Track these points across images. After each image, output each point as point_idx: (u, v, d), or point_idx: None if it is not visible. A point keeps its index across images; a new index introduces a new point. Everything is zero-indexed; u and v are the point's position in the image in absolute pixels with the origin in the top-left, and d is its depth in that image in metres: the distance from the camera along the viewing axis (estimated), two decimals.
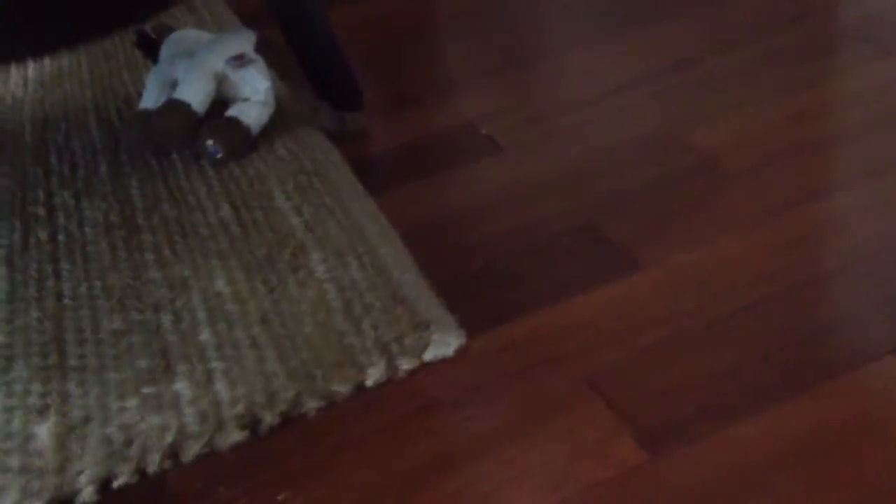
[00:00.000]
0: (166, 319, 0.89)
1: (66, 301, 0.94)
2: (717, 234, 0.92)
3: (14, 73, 1.54)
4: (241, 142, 1.14)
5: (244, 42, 1.17)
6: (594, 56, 1.32)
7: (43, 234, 1.07)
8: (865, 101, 1.11)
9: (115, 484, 0.72)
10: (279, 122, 1.20)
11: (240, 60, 1.15)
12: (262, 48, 1.18)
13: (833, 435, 0.70)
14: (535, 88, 1.28)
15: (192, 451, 0.74)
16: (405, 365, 0.80)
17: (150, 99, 1.17)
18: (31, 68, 1.55)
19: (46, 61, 1.57)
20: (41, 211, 1.11)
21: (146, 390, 0.81)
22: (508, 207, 1.03)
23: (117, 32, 1.63)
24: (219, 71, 1.14)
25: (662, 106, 1.16)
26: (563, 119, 1.18)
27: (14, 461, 0.76)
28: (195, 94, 1.12)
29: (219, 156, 1.13)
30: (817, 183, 0.99)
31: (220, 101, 1.17)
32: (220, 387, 0.80)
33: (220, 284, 0.93)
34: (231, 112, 1.15)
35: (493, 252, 0.96)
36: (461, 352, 0.82)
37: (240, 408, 0.77)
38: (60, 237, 1.05)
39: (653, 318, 0.83)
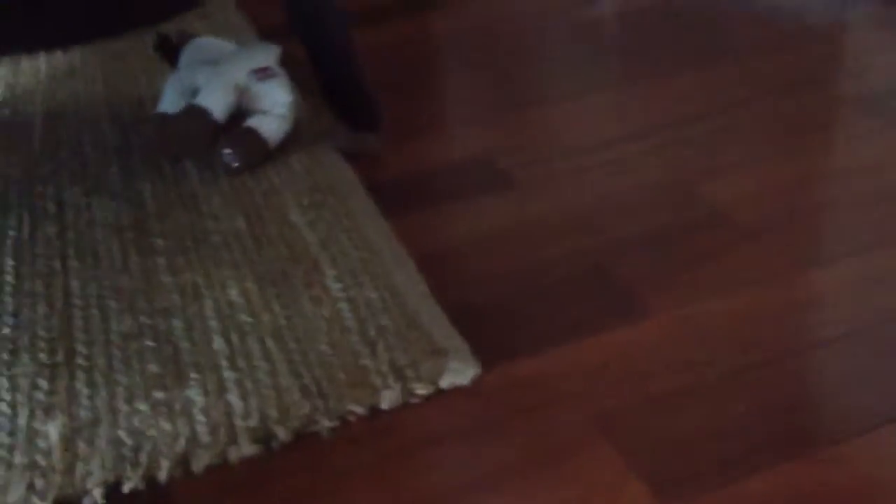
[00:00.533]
0: (178, 326, 0.89)
1: (75, 300, 0.94)
2: (725, 288, 0.94)
3: (25, 65, 1.53)
4: (258, 153, 1.14)
5: (269, 55, 1.17)
6: (605, 102, 1.34)
7: (52, 230, 1.06)
8: (874, 171, 1.14)
9: (125, 489, 0.71)
10: (295, 137, 1.21)
11: (263, 73, 1.15)
12: (285, 63, 1.19)
13: (841, 498, 0.71)
14: (546, 128, 1.29)
15: (202, 461, 0.74)
16: (420, 390, 0.81)
17: (169, 103, 1.17)
18: (43, 62, 1.54)
19: (58, 56, 1.56)
20: (50, 206, 1.11)
21: (157, 395, 0.80)
22: (518, 244, 1.04)
23: (131, 33, 1.63)
24: (242, 82, 1.15)
25: (671, 157, 1.18)
26: (573, 161, 1.19)
27: (19, 457, 0.75)
28: (216, 103, 1.13)
29: (235, 165, 1.13)
30: (824, 248, 1.01)
31: (240, 112, 1.17)
32: (233, 398, 0.80)
33: (233, 294, 0.93)
34: (250, 123, 1.16)
35: (502, 287, 0.97)
36: (474, 383, 0.83)
37: (253, 421, 0.77)
38: (70, 234, 1.05)
39: (662, 366, 0.84)
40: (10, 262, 1.00)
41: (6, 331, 0.90)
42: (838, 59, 1.44)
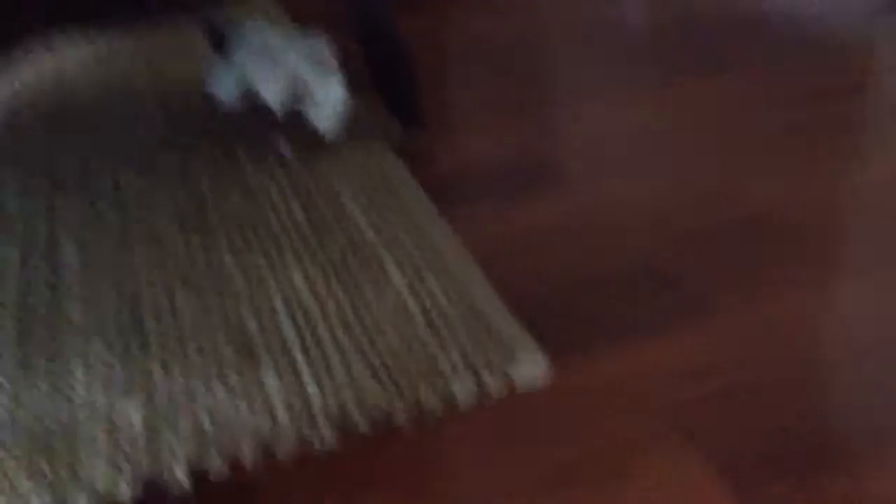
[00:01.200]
0: (246, 311, 0.90)
1: (143, 286, 0.95)
2: (781, 289, 0.95)
3: (68, 52, 1.54)
4: (313, 144, 1.15)
5: (323, 48, 1.18)
6: (647, 102, 1.35)
7: (114, 217, 1.06)
8: None
9: (210, 474, 0.72)
10: (348, 131, 1.22)
11: (320, 66, 1.16)
12: (340, 57, 1.20)
13: None
14: (586, 128, 1.31)
15: (283, 445, 0.75)
16: (492, 384, 0.82)
17: (223, 91, 1.18)
18: (85, 49, 1.54)
19: (99, 43, 1.57)
20: (109, 190, 1.11)
21: (232, 379, 0.81)
22: (575, 239, 1.05)
23: (172, 20, 1.64)
24: (299, 74, 1.16)
25: (719, 158, 1.20)
26: (621, 159, 1.21)
27: (101, 437, 0.76)
28: (274, 94, 1.14)
29: (289, 155, 1.14)
30: (882, 253, 1.03)
31: (294, 103, 1.18)
32: (308, 383, 0.81)
33: (297, 279, 0.94)
34: (305, 115, 1.17)
35: (562, 281, 0.98)
36: (542, 377, 0.84)
37: (331, 407, 0.78)
38: (131, 220, 1.05)
39: (732, 364, 0.85)
40: (72, 248, 1.01)
41: (76, 316, 0.91)
42: (868, 71, 1.46)
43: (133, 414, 0.78)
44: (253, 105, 1.13)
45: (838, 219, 1.07)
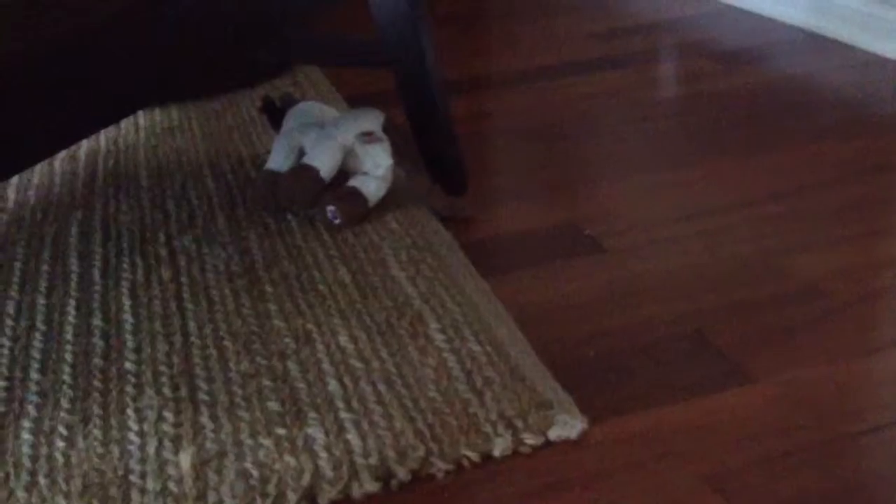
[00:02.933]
0: (293, 367, 0.93)
1: (193, 339, 0.98)
2: (826, 359, 0.96)
3: (124, 121, 1.62)
4: (359, 211, 1.20)
5: (374, 121, 1.24)
6: (679, 178, 1.39)
7: (166, 274, 1.11)
8: None
9: None
10: (392, 198, 1.26)
11: (368, 137, 1.22)
12: (387, 129, 1.25)
13: None
14: (625, 200, 1.34)
15: (327, 495, 0.77)
16: (530, 441, 0.83)
17: (277, 162, 1.24)
18: (142, 118, 1.63)
19: (156, 113, 1.65)
20: (162, 252, 1.16)
21: (279, 431, 0.84)
22: (615, 305, 1.07)
23: (226, 95, 1.72)
24: (348, 144, 1.21)
25: (761, 231, 1.22)
26: (660, 231, 1.23)
27: (151, 484, 0.78)
28: (324, 163, 1.19)
29: (336, 221, 1.18)
30: None
31: (343, 172, 1.23)
32: (352, 436, 0.83)
33: (343, 340, 0.97)
34: (352, 183, 1.21)
35: (602, 346, 1.00)
36: (581, 437, 0.85)
37: (373, 459, 0.80)
38: (183, 279, 1.10)
39: (771, 430, 0.86)
40: (127, 303, 1.06)
41: (129, 365, 0.94)
42: None
43: (183, 463, 0.80)
44: (304, 173, 1.18)
45: (887, 295, 1.08)
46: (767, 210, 1.27)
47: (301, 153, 1.24)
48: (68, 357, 0.97)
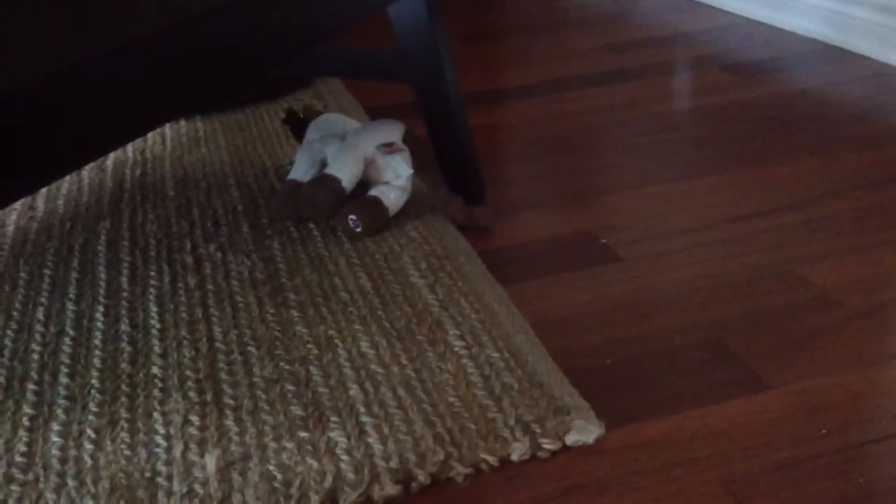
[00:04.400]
0: (315, 373, 0.95)
1: (218, 345, 1.01)
2: (841, 367, 0.97)
3: (151, 133, 1.65)
4: (379, 220, 1.22)
5: (395, 132, 1.26)
6: (703, 187, 1.40)
7: (191, 281, 1.14)
8: None
9: None
10: (411, 208, 1.29)
11: (389, 148, 1.24)
12: (407, 140, 1.28)
13: None
14: (641, 210, 1.35)
15: (349, 498, 0.79)
16: (547, 445, 0.85)
17: (300, 172, 1.26)
18: (168, 129, 1.66)
19: (182, 125, 1.68)
20: (188, 259, 1.19)
21: (301, 435, 0.86)
22: (632, 314, 1.09)
23: (250, 107, 1.75)
24: (369, 154, 1.24)
25: (776, 241, 1.23)
26: (676, 240, 1.25)
27: (178, 486, 0.80)
28: (346, 173, 1.21)
29: (357, 230, 1.20)
30: None
31: (364, 182, 1.26)
32: (373, 440, 0.85)
33: (364, 347, 0.99)
34: (373, 192, 1.24)
35: (619, 353, 1.02)
36: (599, 442, 0.87)
37: (393, 462, 0.82)
38: (208, 286, 1.12)
39: (787, 437, 0.87)
40: (154, 309, 1.08)
41: (156, 370, 0.97)
42: None
43: (209, 465, 0.82)
44: (326, 183, 1.20)
45: None
46: (783, 220, 1.28)
47: (323, 164, 1.26)
48: (96, 362, 1.00)
